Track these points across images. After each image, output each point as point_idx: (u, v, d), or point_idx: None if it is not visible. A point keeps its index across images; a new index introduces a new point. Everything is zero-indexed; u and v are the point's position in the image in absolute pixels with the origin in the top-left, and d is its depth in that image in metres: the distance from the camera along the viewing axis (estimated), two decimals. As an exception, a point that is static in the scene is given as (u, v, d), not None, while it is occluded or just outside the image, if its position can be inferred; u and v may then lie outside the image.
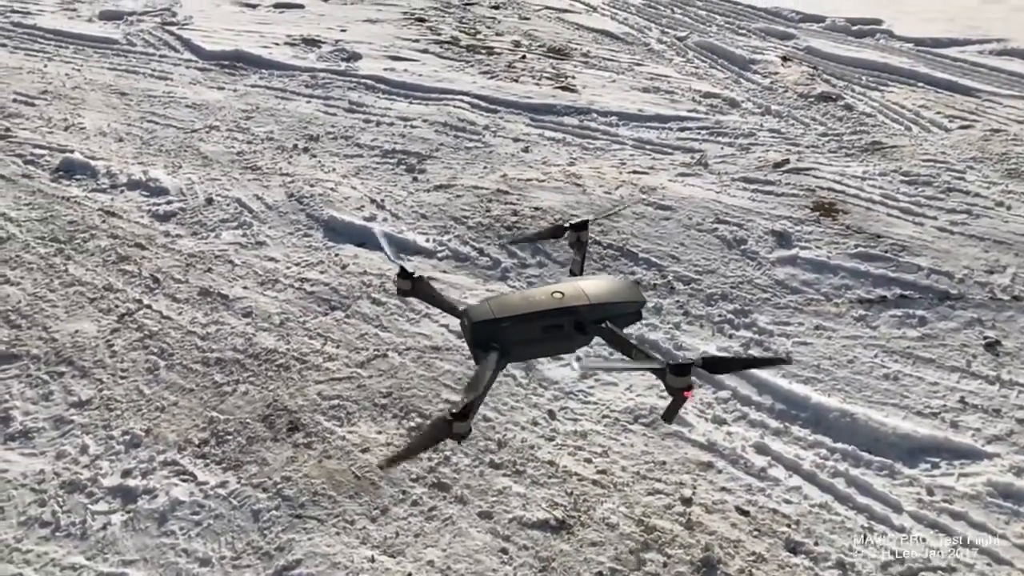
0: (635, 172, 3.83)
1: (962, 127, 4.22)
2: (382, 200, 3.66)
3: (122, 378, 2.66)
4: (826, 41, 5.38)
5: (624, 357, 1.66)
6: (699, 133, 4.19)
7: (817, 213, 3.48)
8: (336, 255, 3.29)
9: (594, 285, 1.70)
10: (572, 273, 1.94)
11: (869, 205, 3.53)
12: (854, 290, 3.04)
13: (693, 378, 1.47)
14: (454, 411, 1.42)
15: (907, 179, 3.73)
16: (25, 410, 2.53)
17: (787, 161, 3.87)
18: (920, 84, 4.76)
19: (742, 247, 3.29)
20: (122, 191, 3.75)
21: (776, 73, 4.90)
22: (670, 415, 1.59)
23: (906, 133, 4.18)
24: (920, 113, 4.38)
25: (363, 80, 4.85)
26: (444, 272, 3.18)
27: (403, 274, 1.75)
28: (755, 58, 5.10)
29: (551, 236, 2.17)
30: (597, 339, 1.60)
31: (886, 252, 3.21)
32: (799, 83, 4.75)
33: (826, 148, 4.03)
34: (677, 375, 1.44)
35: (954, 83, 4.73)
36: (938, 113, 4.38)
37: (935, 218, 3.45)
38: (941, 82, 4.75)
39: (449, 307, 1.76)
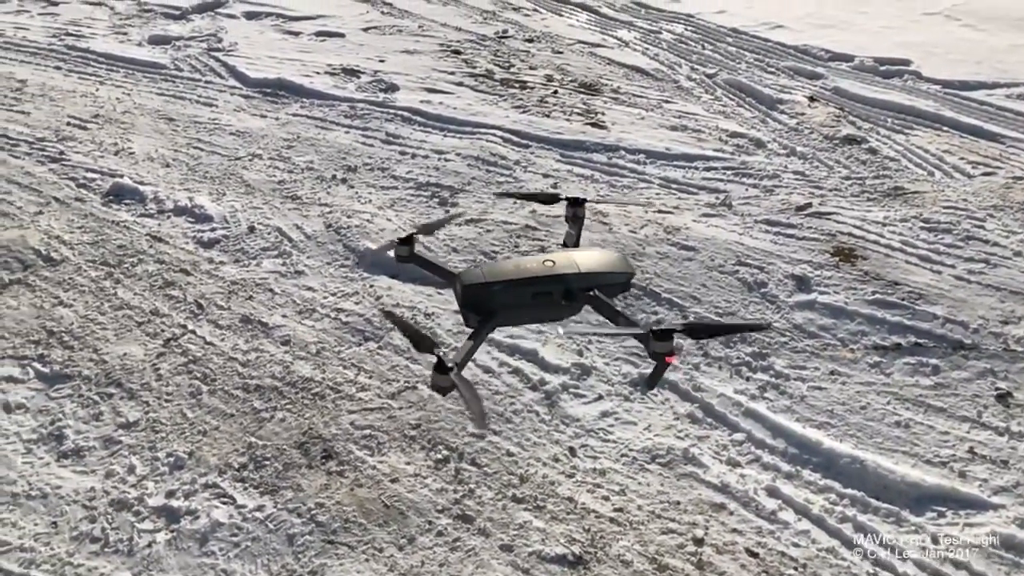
0: (660, 211, 3.95)
1: (985, 174, 4.30)
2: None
3: (167, 401, 2.81)
4: (854, 82, 5.47)
5: (608, 323, 1.77)
6: (724, 173, 4.30)
7: (837, 258, 3.58)
8: (371, 286, 3.44)
9: (585, 256, 1.82)
10: (565, 245, 2.06)
11: (888, 252, 3.62)
12: (870, 336, 3.13)
13: (676, 343, 1.58)
14: (439, 356, 1.54)
15: (927, 226, 3.81)
16: (77, 429, 2.69)
17: (810, 205, 3.97)
18: (945, 128, 4.83)
19: (762, 290, 3.39)
20: (169, 217, 3.93)
21: (803, 114, 5.00)
22: (653, 381, 1.70)
23: (928, 179, 4.27)
24: (943, 158, 4.46)
25: (400, 112, 5.01)
26: (473, 306, 3.31)
27: (403, 241, 1.87)
28: (782, 97, 5.20)
29: (543, 201, 2.29)
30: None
31: (903, 299, 3.30)
32: (825, 124, 4.85)
33: (849, 192, 4.12)
34: (660, 340, 1.55)
35: (979, 128, 4.80)
36: (961, 159, 4.46)
37: (953, 266, 3.53)
38: (966, 127, 4.83)
39: (444, 273, 1.88)
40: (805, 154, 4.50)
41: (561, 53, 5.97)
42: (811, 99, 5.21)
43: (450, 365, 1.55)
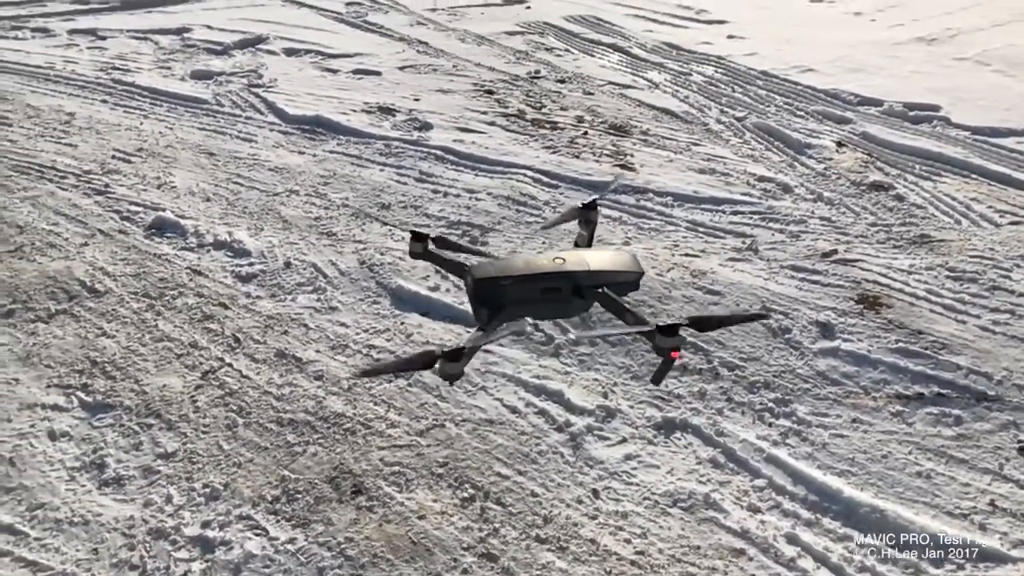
0: (687, 255, 4.02)
1: (1012, 223, 4.32)
2: (446, 272, 3.90)
3: (204, 433, 2.91)
4: (882, 127, 5.52)
5: (617, 322, 1.83)
6: (751, 218, 4.37)
7: (861, 306, 3.62)
8: (402, 323, 3.53)
9: (595, 255, 1.88)
10: (577, 246, 2.12)
11: (913, 300, 3.66)
12: (892, 385, 3.17)
13: (680, 338, 1.64)
14: (446, 350, 1.60)
15: (953, 275, 3.84)
16: (118, 458, 2.80)
17: (835, 251, 4.02)
18: (973, 176, 4.86)
19: (786, 336, 3.44)
20: (208, 251, 4.07)
21: (831, 159, 5.05)
22: (659, 377, 1.76)
23: (955, 227, 4.30)
24: (971, 206, 4.49)
25: (433, 150, 5.14)
26: (500, 346, 3.39)
27: (417, 237, 1.96)
28: (811, 142, 5.27)
29: (573, 217, 2.37)
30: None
31: (926, 349, 3.34)
32: (852, 170, 4.90)
33: (875, 239, 4.16)
34: (666, 335, 1.61)
35: (1008, 176, 4.82)
36: (989, 207, 4.48)
37: (978, 317, 3.56)
38: (994, 174, 4.85)
39: (456, 268, 1.96)
40: (832, 200, 4.55)
41: (592, 94, 6.09)
42: (839, 144, 5.27)
43: (462, 346, 1.61)
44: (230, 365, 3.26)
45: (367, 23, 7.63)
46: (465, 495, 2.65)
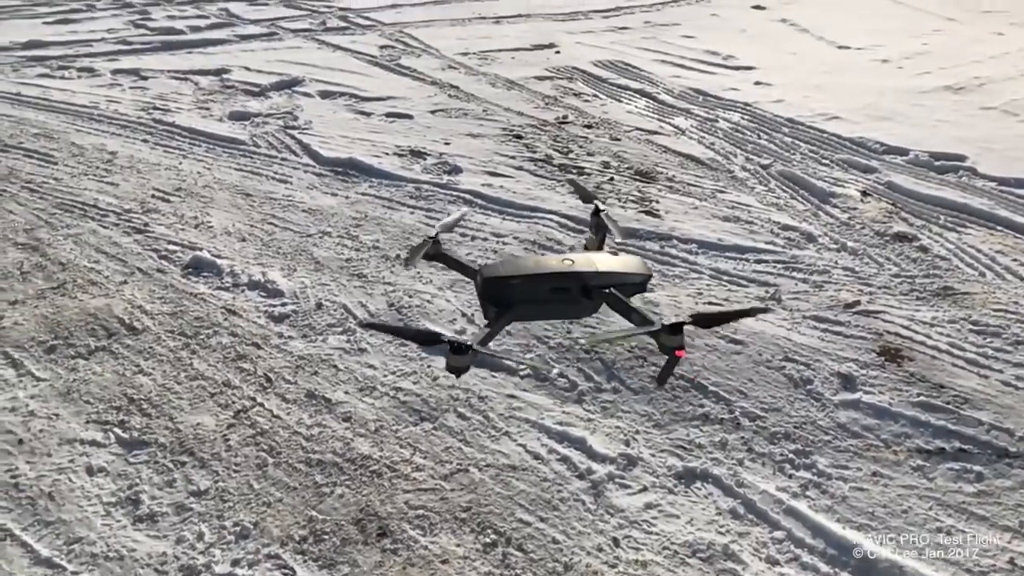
0: (711, 303, 4.07)
1: (1037, 276, 4.34)
2: (472, 314, 3.99)
3: (235, 471, 3.00)
4: (907, 176, 5.56)
5: (624, 325, 1.88)
6: (775, 267, 4.42)
7: (883, 358, 3.65)
8: (428, 367, 3.61)
9: (603, 257, 1.95)
10: (587, 249, 2.18)
11: (935, 353, 3.68)
12: (913, 439, 3.19)
13: (684, 337, 1.69)
14: (454, 343, 1.66)
15: (976, 328, 3.86)
16: (152, 494, 2.89)
17: (858, 302, 4.05)
18: (999, 228, 4.88)
19: (808, 387, 3.48)
20: (243, 291, 4.18)
21: (855, 208, 5.10)
22: (663, 377, 1.81)
23: (979, 279, 4.32)
24: (996, 259, 4.51)
25: (463, 194, 5.25)
26: (524, 391, 3.46)
27: (434, 240, 2.03)
28: (835, 191, 5.32)
29: (582, 199, 2.41)
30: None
31: (948, 403, 3.36)
32: (877, 220, 4.94)
33: (898, 290, 4.19)
34: (671, 334, 1.67)
35: (1033, 228, 4.84)
36: (1014, 260, 4.50)
37: (1001, 371, 3.57)
38: (1021, 227, 4.87)
39: (467, 269, 2.03)
40: (856, 250, 4.59)
41: (619, 140, 6.19)
42: (864, 193, 5.31)
43: (469, 343, 1.68)
44: (262, 405, 3.35)
45: (400, 66, 7.82)
46: (487, 540, 2.70)
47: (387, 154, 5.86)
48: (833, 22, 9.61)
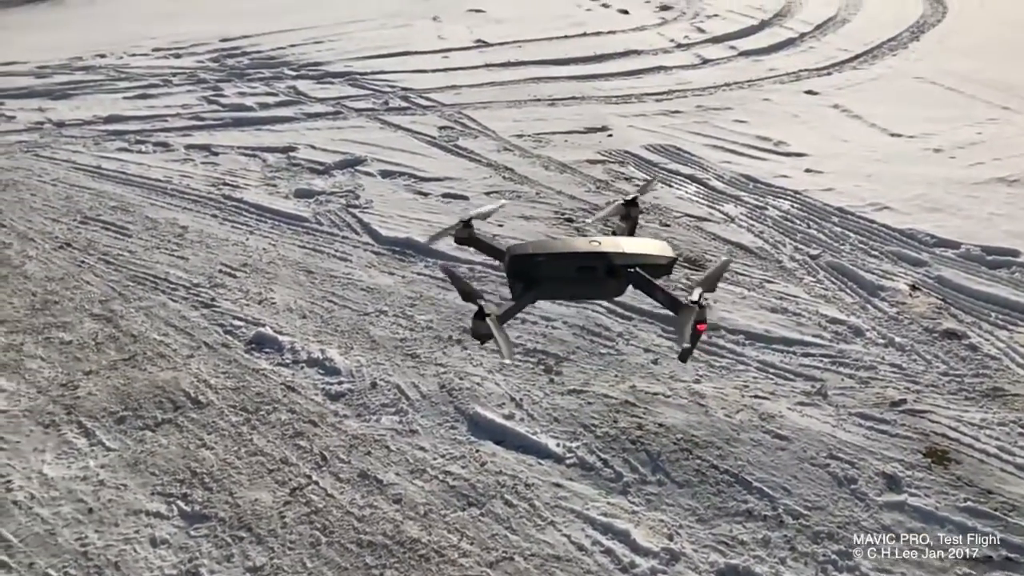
0: (756, 396, 4.13)
1: (1090, 379, 4.31)
2: (520, 399, 4.11)
3: (290, 549, 3.12)
4: (958, 271, 5.57)
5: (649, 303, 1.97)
6: (821, 361, 4.46)
7: (929, 460, 3.66)
8: (477, 451, 3.72)
9: (630, 240, 2.02)
10: (615, 235, 2.25)
11: (983, 457, 3.68)
12: (959, 546, 3.18)
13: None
14: (480, 310, 1.75)
15: (1025, 432, 3.85)
16: (211, 568, 3.02)
17: (904, 401, 4.07)
18: (1051, 326, 4.87)
19: (852, 486, 3.50)
20: (302, 368, 4.36)
21: (904, 303, 5.13)
22: (686, 354, 1.87)
23: (1030, 380, 4.31)
24: (1047, 359, 4.49)
25: (514, 276, 5.40)
26: (570, 480, 3.54)
27: (465, 224, 2.14)
28: (884, 284, 5.36)
29: (619, 213, 2.49)
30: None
31: (996, 510, 3.35)
32: (925, 316, 4.97)
33: (946, 390, 4.20)
34: (686, 313, 1.73)
35: (1087, 328, 4.81)
36: (1066, 361, 4.48)
37: (1050, 478, 3.55)
38: (1073, 326, 4.85)
39: (496, 252, 2.12)
40: (903, 346, 4.61)
41: (668, 226, 6.32)
42: (913, 287, 5.34)
43: (487, 312, 1.79)
44: (316, 483, 3.48)
45: (457, 147, 8.11)
46: (530, 631, 2.77)
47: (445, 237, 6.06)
48: (885, 108, 9.70)
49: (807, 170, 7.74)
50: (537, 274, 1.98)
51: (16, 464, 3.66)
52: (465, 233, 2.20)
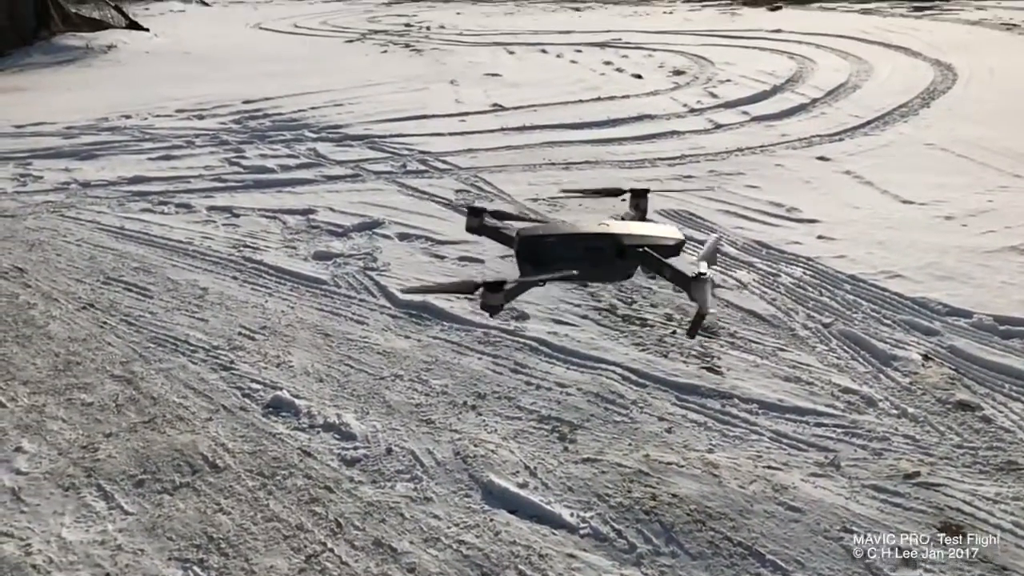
0: (770, 467, 4.14)
1: (1105, 453, 4.30)
2: (535, 468, 4.13)
3: (304, 619, 3.14)
4: (970, 341, 5.59)
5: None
6: (834, 431, 4.47)
7: (943, 534, 3.65)
8: (491, 519, 3.74)
9: (639, 224, 2.05)
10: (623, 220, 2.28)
11: (998, 532, 3.67)
12: (975, 625, 3.17)
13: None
14: (488, 281, 1.77)
15: (1041, 507, 3.84)
16: (225, 638, 3.04)
17: (918, 473, 4.07)
18: (1065, 398, 4.87)
19: (866, 561, 3.49)
20: (318, 432, 4.42)
21: (916, 373, 5.15)
22: (693, 330, 1.89)
23: (1045, 454, 4.30)
24: (1062, 432, 4.49)
25: (529, 341, 5.47)
26: (584, 550, 3.55)
27: (474, 212, 2.17)
28: (896, 353, 5.38)
29: (607, 195, 2.53)
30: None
31: (1011, 588, 3.33)
32: (938, 386, 4.98)
33: (960, 462, 4.20)
34: (700, 283, 1.76)
35: (1101, 401, 4.81)
36: (1081, 434, 4.47)
37: (1066, 555, 3.54)
38: (1088, 398, 4.85)
39: (506, 238, 2.15)
40: (916, 417, 4.63)
41: (681, 292, 6.38)
42: (926, 357, 5.36)
43: (503, 280, 1.81)
44: (331, 550, 3.51)
45: (474, 210, 8.25)
46: None
47: (458, 298, 6.15)
48: (897, 175, 9.81)
49: (819, 237, 7.82)
50: (547, 255, 2.05)
51: (36, 527, 3.71)
52: (475, 222, 2.28)
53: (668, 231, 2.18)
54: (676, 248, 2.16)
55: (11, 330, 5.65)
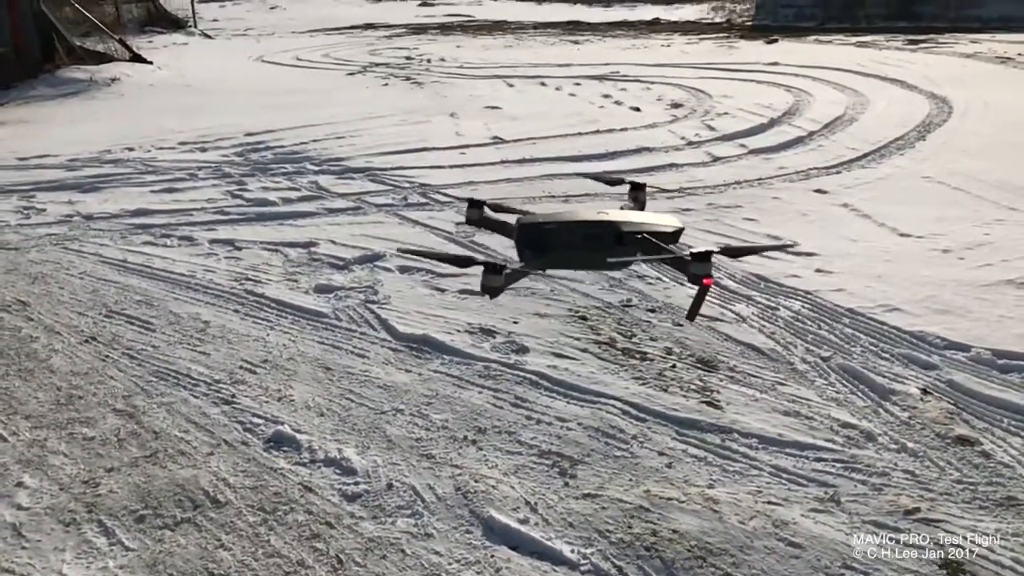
0: (770, 502, 4.15)
1: (1104, 488, 4.31)
2: (535, 503, 4.14)
3: (305, 657, 3.13)
4: (969, 375, 5.61)
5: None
6: (833, 466, 4.49)
7: (945, 571, 3.66)
8: (492, 556, 3.75)
9: (637, 213, 2.05)
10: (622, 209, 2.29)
11: (998, 569, 3.67)
12: (976, 664, 3.16)
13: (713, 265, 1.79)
14: (489, 262, 1.78)
15: (1040, 544, 3.85)
16: (226, 676, 3.03)
17: (918, 510, 4.08)
18: (1064, 433, 4.88)
19: (867, 599, 3.49)
20: (319, 467, 4.43)
21: (915, 407, 5.17)
22: (693, 312, 1.88)
23: (1044, 489, 4.31)
24: (1061, 467, 4.50)
25: (529, 375, 5.49)
26: (585, 587, 3.55)
27: (474, 204, 2.18)
28: (895, 388, 5.40)
29: (609, 184, 2.53)
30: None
31: (1012, 626, 3.33)
32: (937, 421, 5.00)
33: (959, 498, 4.21)
34: (699, 262, 1.76)
35: (1100, 435, 4.83)
36: (1080, 469, 4.49)
37: (1067, 593, 3.54)
38: (1086, 433, 4.86)
39: (506, 228, 2.15)
40: (916, 451, 4.64)
41: (681, 325, 6.42)
42: (924, 392, 5.38)
43: (503, 263, 1.82)
44: (332, 588, 3.51)
45: (474, 243, 8.30)
46: None
47: (459, 331, 6.19)
48: (894, 207, 9.89)
49: (817, 270, 7.87)
50: (546, 243, 2.07)
51: (36, 564, 3.71)
52: (475, 214, 2.32)
53: (667, 217, 2.21)
54: (675, 235, 2.19)
55: (13, 364, 5.67)
